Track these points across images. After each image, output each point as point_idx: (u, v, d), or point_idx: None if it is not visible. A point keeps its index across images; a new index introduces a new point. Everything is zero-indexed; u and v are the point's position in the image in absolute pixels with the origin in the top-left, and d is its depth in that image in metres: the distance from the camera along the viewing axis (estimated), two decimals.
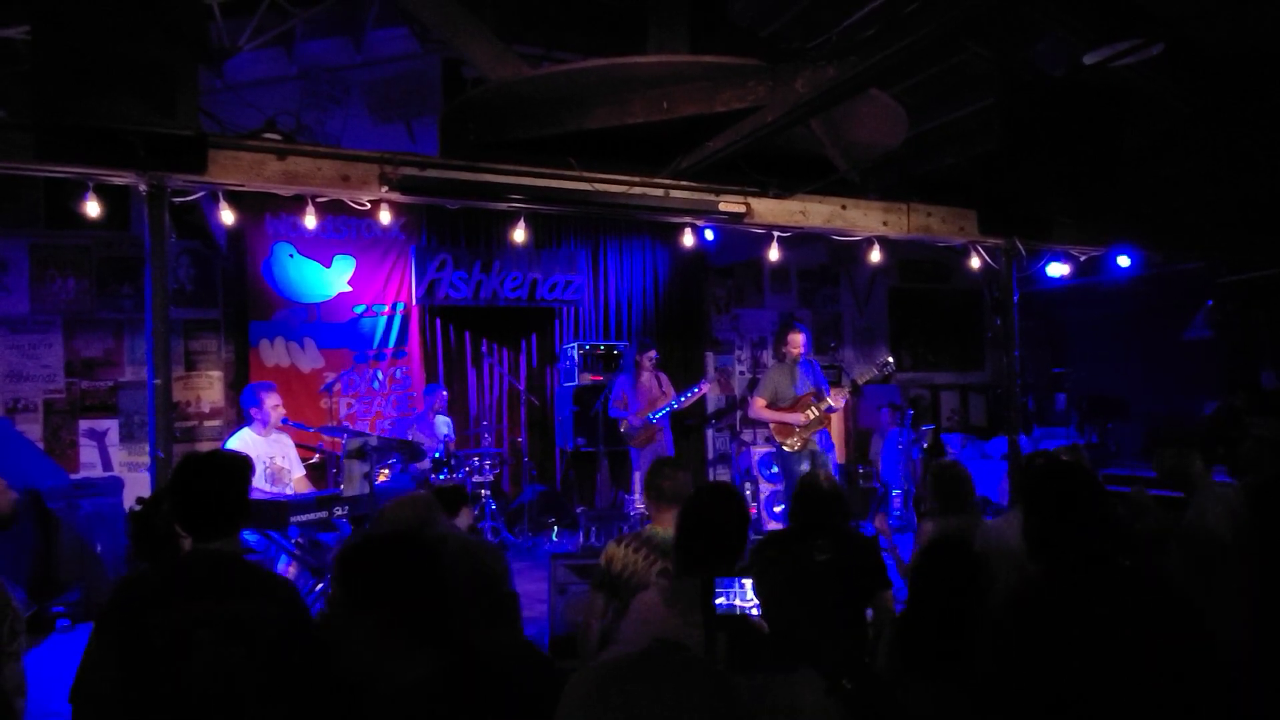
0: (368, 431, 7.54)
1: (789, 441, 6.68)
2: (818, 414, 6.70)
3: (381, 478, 6.21)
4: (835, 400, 6.81)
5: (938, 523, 4.36)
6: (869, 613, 3.70)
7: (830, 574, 3.40)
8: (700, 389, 7.74)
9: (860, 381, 7.26)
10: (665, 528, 3.50)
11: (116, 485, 6.59)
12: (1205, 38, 5.72)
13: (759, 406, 6.82)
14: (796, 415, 6.68)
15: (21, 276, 7.41)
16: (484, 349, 8.69)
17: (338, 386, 7.06)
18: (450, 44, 6.00)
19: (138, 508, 2.86)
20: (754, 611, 1.90)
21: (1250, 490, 3.43)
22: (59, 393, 7.53)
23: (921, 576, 2.28)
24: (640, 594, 2.65)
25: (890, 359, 7.34)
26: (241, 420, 6.45)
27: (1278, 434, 4.26)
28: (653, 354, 7.75)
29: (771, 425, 6.81)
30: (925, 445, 8.68)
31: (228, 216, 5.50)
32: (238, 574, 2.33)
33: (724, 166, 5.50)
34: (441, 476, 7.05)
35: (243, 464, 2.63)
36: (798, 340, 6.81)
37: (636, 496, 7.48)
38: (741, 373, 10.15)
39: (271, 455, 5.64)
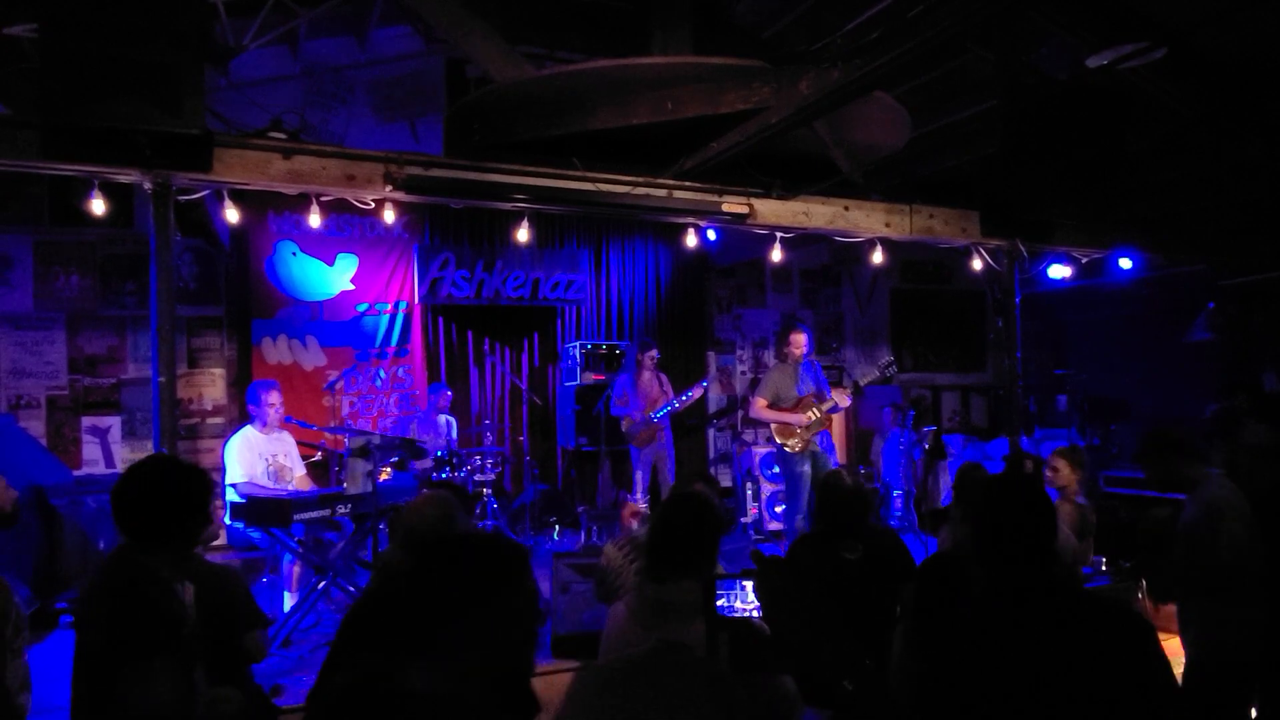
0: (370, 430, 7.56)
1: (790, 442, 6.68)
2: (818, 415, 6.70)
3: (384, 476, 6.23)
4: (841, 399, 6.81)
5: (954, 530, 4.33)
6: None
7: (858, 572, 3.41)
8: (698, 390, 7.75)
9: (862, 383, 7.27)
10: None
11: None
12: (1207, 43, 5.72)
13: (760, 407, 6.81)
14: (798, 416, 6.68)
15: (26, 273, 7.42)
16: (486, 348, 8.70)
17: (340, 385, 7.08)
18: (454, 44, 6.02)
19: None
20: (754, 614, 1.91)
21: (1253, 497, 3.45)
22: (62, 389, 7.55)
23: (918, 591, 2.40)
24: (613, 606, 2.66)
25: (892, 360, 7.34)
26: (244, 418, 6.48)
27: (1265, 441, 4.27)
28: (654, 353, 7.76)
29: (773, 426, 6.80)
30: (926, 446, 8.69)
31: (232, 215, 5.53)
32: (112, 578, 2.52)
33: (727, 167, 5.51)
34: (444, 475, 7.07)
35: (179, 488, 2.61)
36: (800, 340, 6.80)
37: (638, 496, 7.51)
38: (743, 372, 10.16)
39: (274, 453, 5.66)
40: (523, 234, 5.82)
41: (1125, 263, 7.45)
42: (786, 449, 6.69)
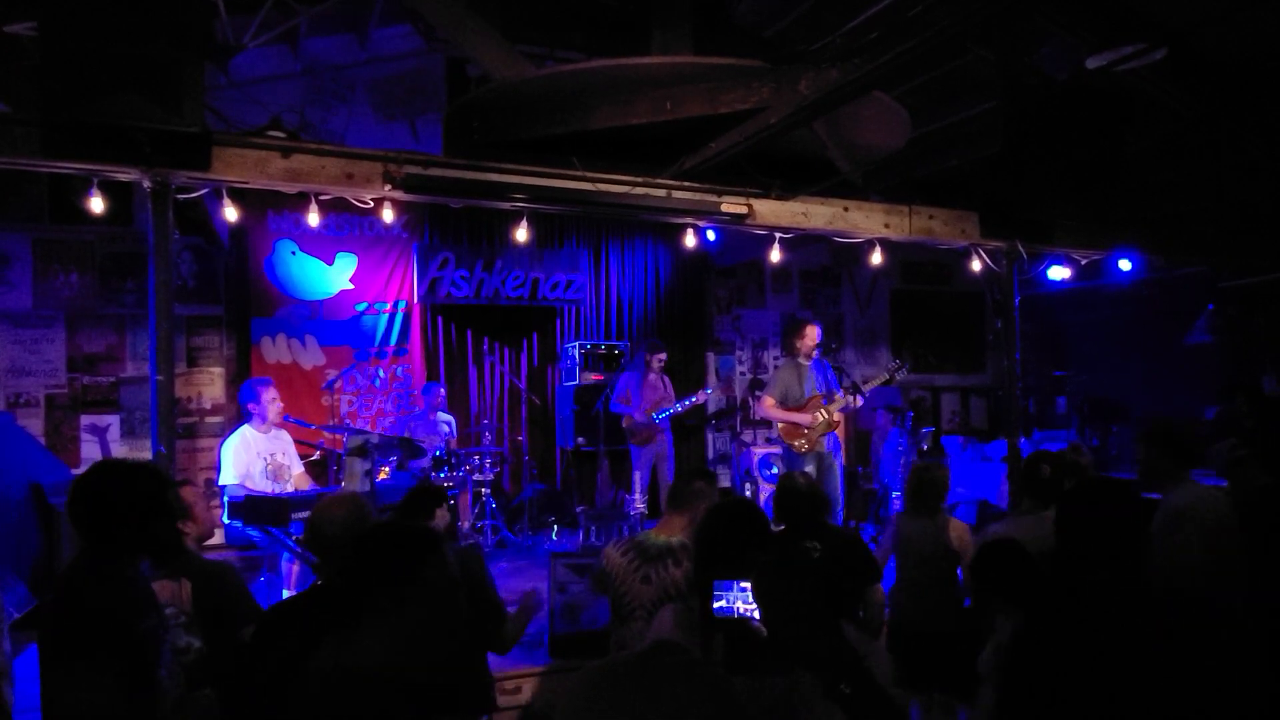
0: (369, 429, 7.55)
1: (797, 443, 6.55)
2: (826, 416, 6.57)
3: (382, 475, 6.23)
4: (850, 400, 6.71)
5: (902, 521, 4.36)
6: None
7: (822, 573, 3.41)
8: (699, 397, 7.74)
9: (869, 385, 7.08)
10: (661, 534, 3.52)
11: None
12: (1207, 44, 5.73)
13: (768, 405, 6.66)
14: (805, 416, 6.56)
15: (25, 271, 7.42)
16: (485, 347, 8.70)
17: (339, 384, 7.07)
18: (455, 43, 6.02)
19: None
20: (755, 615, 1.89)
21: (1240, 501, 3.43)
22: (61, 388, 7.54)
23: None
24: (661, 610, 2.66)
25: (901, 363, 7.22)
26: (241, 417, 6.47)
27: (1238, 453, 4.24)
28: (662, 356, 7.79)
29: (780, 426, 6.66)
30: (924, 447, 8.68)
31: (231, 213, 5.52)
32: (63, 579, 2.56)
33: (726, 167, 5.51)
34: (442, 474, 7.06)
35: (120, 493, 2.53)
36: (813, 332, 6.66)
37: (636, 496, 7.50)
38: (743, 373, 10.16)
39: (272, 451, 5.65)
40: (522, 233, 5.81)
41: (1125, 264, 7.44)
42: (793, 449, 6.57)
